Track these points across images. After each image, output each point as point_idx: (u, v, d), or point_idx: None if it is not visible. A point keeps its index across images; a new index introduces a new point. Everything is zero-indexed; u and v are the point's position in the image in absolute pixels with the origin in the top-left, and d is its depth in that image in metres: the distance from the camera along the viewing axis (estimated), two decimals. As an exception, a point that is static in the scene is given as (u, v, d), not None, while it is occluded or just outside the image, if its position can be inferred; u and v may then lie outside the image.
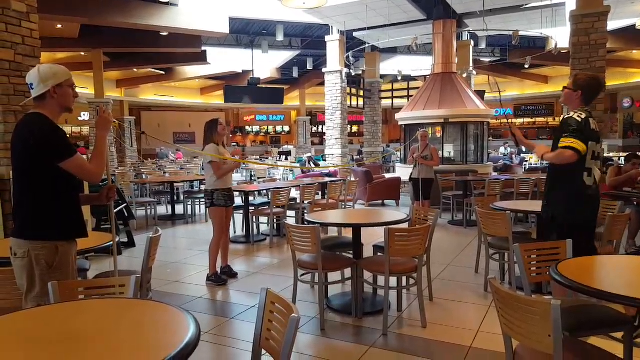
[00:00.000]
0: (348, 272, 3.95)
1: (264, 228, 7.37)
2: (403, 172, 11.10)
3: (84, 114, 21.91)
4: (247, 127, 29.37)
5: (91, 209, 5.56)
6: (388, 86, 16.18)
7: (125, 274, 2.89)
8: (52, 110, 2.31)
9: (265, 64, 20.87)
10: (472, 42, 15.67)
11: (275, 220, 6.77)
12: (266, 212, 6.60)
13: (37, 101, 2.30)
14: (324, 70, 14.30)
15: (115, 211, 3.36)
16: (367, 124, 17.01)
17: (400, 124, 12.61)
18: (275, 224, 6.94)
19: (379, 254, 4.21)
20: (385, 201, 10.43)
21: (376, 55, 16.90)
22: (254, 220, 6.93)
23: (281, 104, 23.42)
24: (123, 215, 6.64)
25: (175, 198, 9.19)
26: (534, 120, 25.86)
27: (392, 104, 16.17)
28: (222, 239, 4.88)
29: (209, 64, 17.96)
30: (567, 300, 2.71)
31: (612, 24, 12.51)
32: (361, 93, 15.88)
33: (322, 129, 26.86)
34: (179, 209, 9.11)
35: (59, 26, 12.62)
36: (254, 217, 6.88)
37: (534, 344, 1.84)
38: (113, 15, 11.63)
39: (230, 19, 13.67)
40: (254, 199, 7.66)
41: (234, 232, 7.14)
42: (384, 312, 3.48)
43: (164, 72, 20.25)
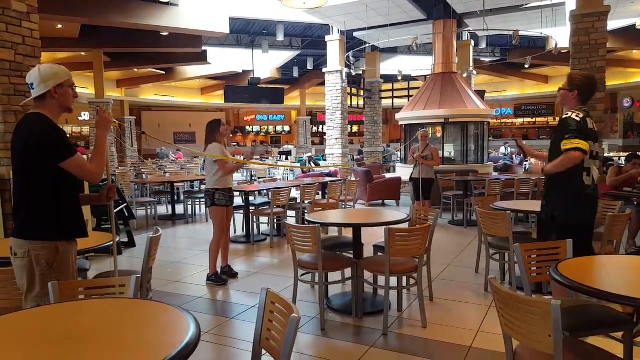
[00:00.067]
0: (348, 272, 3.95)
1: (264, 228, 7.36)
2: (403, 172, 11.11)
3: (84, 114, 21.92)
4: (247, 127, 29.39)
5: (91, 209, 5.56)
6: (388, 86, 16.19)
7: (125, 274, 2.88)
8: (52, 110, 2.31)
9: (265, 63, 20.88)
10: (473, 42, 15.68)
11: (275, 220, 6.77)
12: (266, 212, 6.60)
13: (38, 101, 2.30)
14: (324, 70, 14.31)
15: (115, 211, 3.37)
16: (367, 123, 17.01)
17: (400, 123, 12.62)
18: (276, 224, 6.94)
19: (379, 253, 4.21)
20: (385, 201, 10.42)
21: (376, 55, 16.90)
22: (255, 220, 6.93)
23: (281, 103, 23.45)
24: (123, 215, 6.63)
25: (176, 198, 9.19)
26: (534, 120, 25.88)
27: (393, 103, 16.19)
28: (223, 238, 4.88)
29: (209, 64, 17.97)
30: (567, 300, 2.71)
31: (612, 24, 12.51)
32: (361, 93, 15.89)
33: (322, 128, 26.88)
34: (179, 208, 9.12)
35: (60, 26, 12.63)
36: (255, 217, 6.88)
37: (534, 344, 1.84)
38: (113, 15, 11.64)
39: (230, 18, 13.68)
40: (255, 198, 7.66)
41: (234, 232, 7.14)
42: (384, 312, 3.48)
43: (164, 72, 20.26)
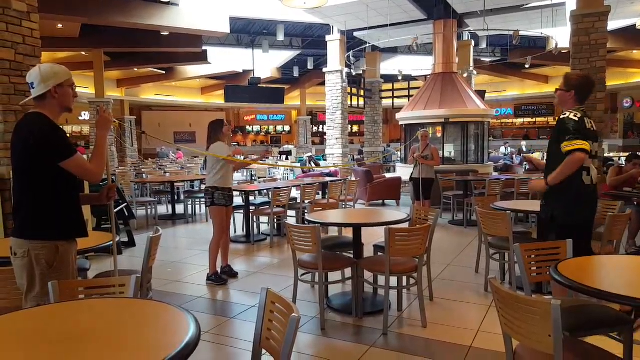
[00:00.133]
0: (348, 271, 3.95)
1: (264, 228, 7.36)
2: (403, 171, 11.11)
3: (84, 114, 21.92)
4: (247, 127, 29.39)
5: (91, 209, 5.56)
6: (389, 86, 16.19)
7: (125, 273, 2.88)
8: (52, 110, 2.30)
9: (265, 63, 20.88)
10: (473, 42, 15.68)
11: (275, 220, 6.77)
12: (267, 212, 6.60)
13: (38, 101, 2.30)
14: (324, 70, 14.30)
15: (115, 211, 3.37)
16: (367, 123, 17.01)
17: (400, 123, 12.63)
18: (276, 224, 6.94)
19: (379, 253, 4.21)
20: (385, 201, 10.42)
21: (377, 55, 16.90)
22: (255, 219, 6.93)
23: (282, 103, 23.46)
24: (123, 214, 6.63)
25: (176, 198, 9.20)
26: (534, 120, 25.87)
27: (393, 103, 16.18)
28: (223, 238, 4.89)
29: (209, 63, 17.96)
30: (567, 300, 2.71)
31: (613, 24, 12.50)
32: (362, 93, 15.88)
33: (322, 128, 26.85)
34: (180, 208, 9.12)
35: (60, 26, 12.63)
36: (255, 216, 6.88)
37: (534, 343, 1.84)
38: (114, 15, 11.64)
39: (231, 18, 13.68)
40: (255, 198, 7.66)
41: (234, 231, 7.14)
42: (384, 312, 3.48)
43: (164, 72, 20.25)
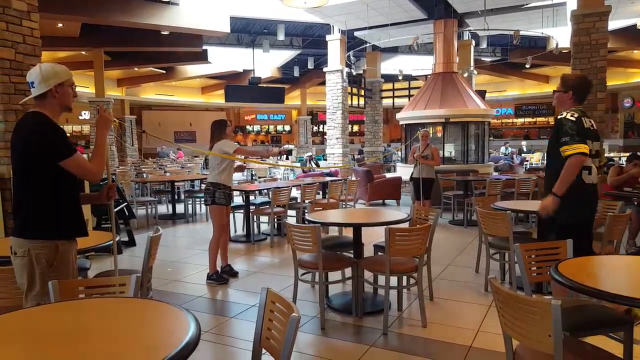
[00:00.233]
0: (348, 271, 3.95)
1: (264, 227, 7.36)
2: (404, 171, 11.10)
3: (84, 113, 21.92)
4: (247, 127, 29.39)
5: (91, 208, 5.56)
6: (389, 85, 16.18)
7: (125, 273, 2.87)
8: (52, 109, 2.30)
9: (266, 63, 20.88)
10: (473, 42, 15.68)
11: (275, 220, 6.77)
12: (267, 212, 6.60)
13: (38, 100, 2.30)
14: (325, 69, 14.30)
15: (115, 210, 3.37)
16: (368, 123, 17.01)
17: (401, 123, 12.62)
18: (276, 224, 6.94)
19: (379, 253, 4.21)
20: (385, 201, 10.42)
21: (377, 54, 16.89)
22: (255, 219, 6.93)
23: (282, 103, 23.47)
24: (123, 214, 6.63)
25: (176, 197, 9.19)
26: (534, 120, 25.87)
27: (393, 103, 16.18)
28: (222, 237, 4.89)
29: (209, 63, 17.97)
30: (567, 300, 2.71)
31: (613, 24, 12.49)
32: (362, 92, 15.88)
33: (323, 128, 26.85)
34: (180, 208, 9.12)
35: (60, 25, 12.62)
36: (255, 216, 6.88)
37: (534, 343, 1.84)
38: (114, 14, 11.63)
39: (231, 18, 13.68)
40: (255, 198, 7.67)
41: (235, 231, 7.14)
42: (384, 312, 3.48)
43: (164, 71, 20.24)
